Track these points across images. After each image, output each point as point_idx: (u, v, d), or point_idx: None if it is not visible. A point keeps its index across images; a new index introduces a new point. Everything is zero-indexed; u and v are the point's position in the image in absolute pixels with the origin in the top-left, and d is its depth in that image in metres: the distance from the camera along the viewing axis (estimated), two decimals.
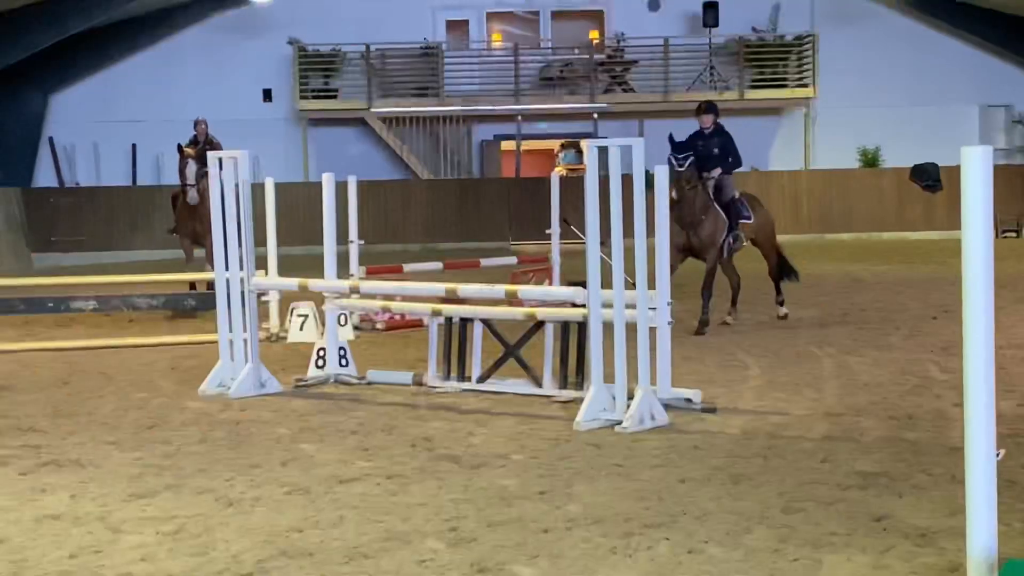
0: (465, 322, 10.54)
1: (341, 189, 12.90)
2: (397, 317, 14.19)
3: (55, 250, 29.13)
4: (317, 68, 31.92)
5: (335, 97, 32.07)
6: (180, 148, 17.17)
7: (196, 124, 17.85)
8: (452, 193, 30.77)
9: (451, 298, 10.61)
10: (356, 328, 14.13)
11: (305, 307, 13.83)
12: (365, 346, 13.09)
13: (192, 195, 16.72)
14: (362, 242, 14.91)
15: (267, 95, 32.60)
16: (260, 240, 12.04)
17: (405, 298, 11.74)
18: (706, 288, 13.99)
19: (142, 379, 11.48)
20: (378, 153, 32.42)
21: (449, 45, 32.86)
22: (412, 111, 31.70)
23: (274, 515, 6.68)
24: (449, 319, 10.65)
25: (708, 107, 14.51)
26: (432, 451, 8.23)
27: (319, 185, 12.12)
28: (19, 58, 27.55)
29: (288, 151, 32.25)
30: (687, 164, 13.30)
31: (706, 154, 13.91)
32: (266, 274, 13.42)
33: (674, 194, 12.21)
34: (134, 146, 32.08)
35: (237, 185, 10.67)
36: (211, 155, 11.01)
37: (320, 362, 11.14)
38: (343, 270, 13.20)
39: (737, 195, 14.48)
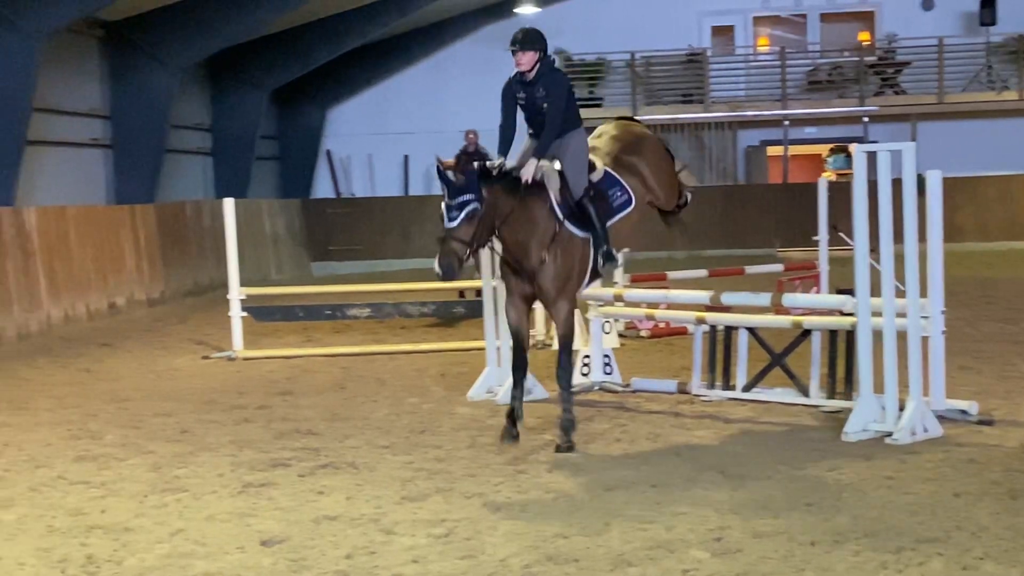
0: (730, 330, 10.45)
1: None
2: (661, 324, 14.16)
3: (332, 259, 30.18)
4: (582, 77, 32.12)
5: (600, 105, 32.19)
6: (439, 160, 17.57)
7: (467, 135, 18.22)
8: (717, 199, 30.46)
9: (715, 306, 10.54)
10: (621, 335, 14.16)
11: None
12: (629, 353, 13.11)
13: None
14: (627, 250, 14.93)
15: None
16: None
17: (669, 306, 11.71)
18: (562, 361, 9.01)
19: (414, 384, 11.78)
20: None
21: (714, 51, 32.63)
22: (677, 118, 31.56)
23: (540, 520, 6.77)
24: (713, 327, 10.58)
25: (527, 37, 9.30)
26: (697, 460, 8.19)
27: None
28: (299, 74, 28.70)
29: None
30: (460, 219, 8.44)
31: (531, 112, 9.23)
32: None
33: (438, 269, 8.40)
34: (406, 157, 32.95)
35: None
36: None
37: (585, 369, 11.23)
38: (607, 278, 13.24)
39: (600, 173, 9.36)
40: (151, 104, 22.33)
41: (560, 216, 8.87)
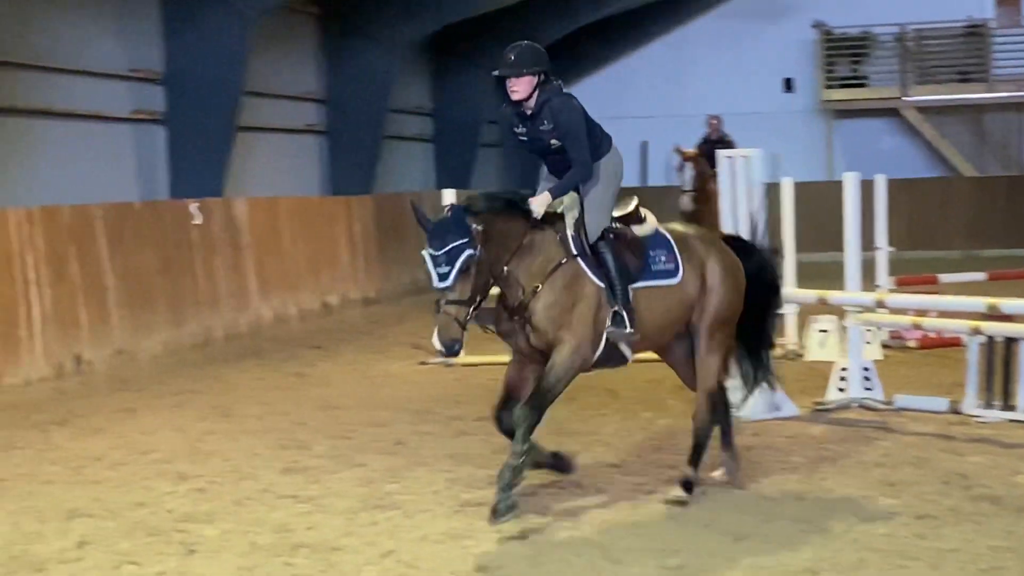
0: (1011, 342, 10.13)
1: (867, 189, 12.68)
2: (931, 334, 13.80)
3: None
4: (844, 53, 31.60)
5: (864, 85, 31.61)
6: (677, 149, 17.59)
7: (709, 120, 18.15)
8: (1000, 192, 29.58)
9: (994, 314, 10.21)
10: (884, 346, 13.87)
11: (826, 321, 13.71)
12: (893, 367, 12.80)
13: (683, 201, 17.13)
14: (891, 249, 14.63)
15: (788, 85, 32.59)
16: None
17: (940, 313, 11.40)
18: (528, 407, 7.80)
19: (648, 397, 11.75)
20: (912, 147, 31.66)
21: (999, 22, 31.66)
22: (953, 99, 30.76)
23: (787, 553, 6.69)
24: (991, 338, 10.27)
25: (520, 58, 8.12)
26: (969, 490, 7.98)
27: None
28: None
29: (810, 146, 32.06)
30: (453, 274, 7.20)
31: (539, 150, 8.05)
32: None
33: (438, 344, 7.36)
34: (644, 143, 32.94)
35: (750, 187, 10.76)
36: (721, 155, 11.18)
37: (842, 384, 11.03)
38: (868, 280, 12.99)
39: (649, 229, 8.06)
40: (369, 87, 22.76)
41: (573, 249, 7.66)
